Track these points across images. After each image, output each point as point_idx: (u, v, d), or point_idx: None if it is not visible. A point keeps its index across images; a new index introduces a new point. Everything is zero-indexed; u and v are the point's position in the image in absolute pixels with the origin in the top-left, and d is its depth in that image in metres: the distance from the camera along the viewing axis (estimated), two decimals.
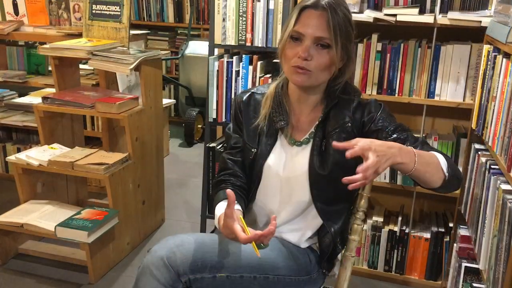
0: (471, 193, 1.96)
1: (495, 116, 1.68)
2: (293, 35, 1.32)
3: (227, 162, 1.49)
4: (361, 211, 1.44)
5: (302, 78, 1.32)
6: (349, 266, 1.45)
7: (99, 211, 2.39)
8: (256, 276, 1.32)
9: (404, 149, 1.19)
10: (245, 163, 1.47)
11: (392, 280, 2.44)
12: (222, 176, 1.48)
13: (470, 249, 1.97)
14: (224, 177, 1.47)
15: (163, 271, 1.26)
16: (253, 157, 1.43)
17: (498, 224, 1.49)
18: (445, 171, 1.26)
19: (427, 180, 1.25)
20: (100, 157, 2.47)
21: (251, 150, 1.44)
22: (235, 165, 1.48)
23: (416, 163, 1.19)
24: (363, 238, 2.43)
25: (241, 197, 1.43)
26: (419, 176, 1.23)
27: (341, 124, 1.37)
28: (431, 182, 1.26)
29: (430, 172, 1.23)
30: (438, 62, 2.16)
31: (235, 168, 1.48)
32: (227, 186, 1.44)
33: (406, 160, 1.17)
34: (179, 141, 4.61)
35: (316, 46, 1.31)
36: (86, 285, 2.33)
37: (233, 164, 1.48)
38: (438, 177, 1.25)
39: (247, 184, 1.47)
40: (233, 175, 1.47)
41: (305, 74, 1.32)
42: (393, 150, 1.16)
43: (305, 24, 1.30)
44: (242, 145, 1.48)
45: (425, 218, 2.54)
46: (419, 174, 1.21)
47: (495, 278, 1.46)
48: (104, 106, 2.44)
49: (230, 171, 1.47)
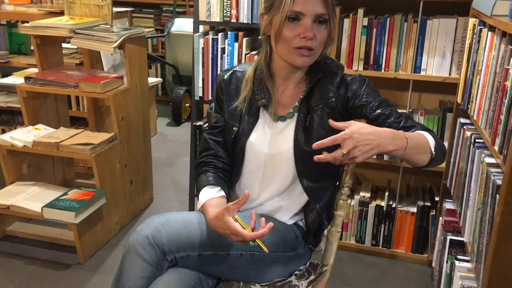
0: (456, 167, 1.98)
1: (480, 90, 1.68)
2: (290, 15, 1.27)
3: (209, 142, 1.47)
4: (346, 187, 1.44)
5: (307, 59, 1.31)
6: (335, 241, 1.46)
7: (86, 191, 2.38)
8: (243, 253, 1.32)
9: (398, 136, 1.21)
10: (227, 142, 1.46)
11: (379, 254, 2.47)
12: (204, 158, 1.46)
13: (455, 222, 2.00)
14: (206, 159, 1.46)
15: (149, 249, 1.26)
16: (235, 135, 1.42)
17: (482, 197, 1.51)
18: (433, 150, 1.27)
19: (416, 161, 1.28)
20: (86, 137, 2.44)
21: (232, 129, 1.43)
22: (217, 145, 1.47)
23: (407, 148, 1.21)
24: (351, 214, 2.45)
25: (224, 180, 1.43)
26: (409, 158, 1.25)
27: (325, 99, 1.36)
28: (419, 162, 1.29)
29: (419, 154, 1.25)
30: (424, 36, 2.15)
31: (217, 148, 1.46)
32: (209, 169, 1.43)
33: (397, 147, 1.20)
34: (167, 120, 4.59)
35: (314, 23, 1.29)
36: (75, 265, 2.33)
37: (214, 145, 1.47)
38: (426, 157, 1.28)
39: (230, 164, 1.47)
40: (215, 156, 1.46)
41: (309, 56, 1.30)
42: (385, 139, 1.17)
43: (303, 2, 1.26)
44: (224, 124, 1.47)
45: (411, 193, 2.57)
46: (408, 157, 1.24)
47: (479, 250, 1.48)
48: (88, 86, 2.41)
49: (212, 151, 1.46)
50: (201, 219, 1.33)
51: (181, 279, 1.25)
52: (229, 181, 1.45)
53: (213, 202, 1.32)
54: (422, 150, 1.26)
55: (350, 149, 1.14)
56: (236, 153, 1.44)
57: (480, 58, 1.70)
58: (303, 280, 1.40)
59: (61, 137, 2.41)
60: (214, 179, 1.40)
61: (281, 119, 1.41)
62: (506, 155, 1.29)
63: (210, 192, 1.36)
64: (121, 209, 2.63)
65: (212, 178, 1.40)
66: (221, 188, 1.38)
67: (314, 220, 1.43)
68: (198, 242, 1.28)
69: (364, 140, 1.14)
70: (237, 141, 1.43)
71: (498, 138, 1.39)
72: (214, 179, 1.40)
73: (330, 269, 1.47)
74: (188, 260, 1.28)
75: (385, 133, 1.19)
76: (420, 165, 1.30)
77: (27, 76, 2.50)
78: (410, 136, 1.22)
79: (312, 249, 1.50)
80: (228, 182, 1.45)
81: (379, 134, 1.17)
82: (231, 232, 1.21)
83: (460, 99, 2.00)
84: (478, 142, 1.67)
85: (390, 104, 1.36)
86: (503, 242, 1.28)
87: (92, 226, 2.39)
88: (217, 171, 1.43)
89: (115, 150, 2.50)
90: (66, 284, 2.19)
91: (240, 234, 1.19)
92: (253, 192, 1.46)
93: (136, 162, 2.74)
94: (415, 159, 1.26)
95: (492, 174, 1.42)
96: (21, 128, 2.54)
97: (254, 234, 1.19)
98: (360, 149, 1.14)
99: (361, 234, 2.48)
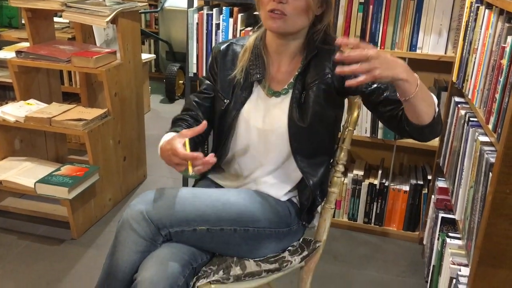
0: (449, 146, 1.99)
1: (475, 69, 1.67)
2: None
3: (192, 103, 1.49)
4: (340, 164, 1.45)
5: (278, 23, 1.29)
6: (329, 217, 1.47)
7: (79, 167, 2.37)
8: (237, 228, 1.32)
9: (411, 72, 1.15)
10: (215, 114, 1.46)
11: (371, 231, 2.49)
12: (182, 116, 1.48)
13: (447, 200, 2.02)
14: (184, 117, 1.47)
15: (143, 224, 1.26)
16: (225, 108, 1.42)
17: (474, 176, 1.51)
18: (436, 107, 1.25)
19: (421, 111, 1.20)
20: (79, 112, 2.42)
21: (223, 101, 1.42)
22: (199, 109, 1.48)
23: (418, 87, 1.15)
24: (344, 192, 2.47)
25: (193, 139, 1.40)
26: (416, 104, 1.18)
27: (321, 75, 1.35)
28: (423, 115, 1.21)
29: (426, 102, 1.20)
30: (421, 14, 2.13)
31: (198, 112, 1.48)
32: (183, 125, 1.44)
33: (410, 79, 1.13)
34: (160, 97, 4.56)
35: None
36: (69, 240, 2.33)
37: (196, 108, 1.48)
38: (431, 110, 1.22)
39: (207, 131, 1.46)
40: (194, 118, 1.47)
41: (281, 19, 1.28)
42: (401, 66, 1.12)
43: None
44: (214, 94, 1.47)
45: (404, 171, 2.58)
46: (416, 101, 1.17)
47: (470, 227, 1.50)
48: (81, 61, 2.38)
49: (192, 113, 1.48)
50: (195, 194, 1.33)
51: (175, 254, 1.25)
52: (199, 145, 1.46)
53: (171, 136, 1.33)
54: (429, 101, 1.21)
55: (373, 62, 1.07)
56: (225, 127, 1.43)
57: (477, 36, 1.69)
58: (296, 255, 1.41)
59: (53, 113, 2.38)
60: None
61: (275, 94, 1.40)
62: (500, 133, 1.30)
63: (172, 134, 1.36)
64: (114, 186, 2.63)
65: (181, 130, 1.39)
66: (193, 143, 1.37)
67: (308, 197, 1.44)
68: (192, 217, 1.28)
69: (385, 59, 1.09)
70: (227, 114, 1.42)
71: (493, 116, 1.39)
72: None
73: (323, 245, 1.48)
74: (182, 235, 1.28)
75: (400, 62, 1.13)
76: (423, 120, 1.22)
77: (18, 50, 2.46)
78: (420, 82, 1.18)
79: (306, 226, 1.51)
80: (198, 145, 1.45)
81: (395, 60, 1.12)
82: (172, 152, 1.21)
83: (455, 77, 1.99)
84: (472, 120, 1.67)
85: None
86: (494, 220, 1.29)
87: (86, 202, 2.39)
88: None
89: (108, 126, 2.48)
90: (60, 259, 2.19)
91: (177, 152, 1.19)
92: (246, 168, 1.46)
93: (129, 139, 2.72)
94: (421, 107, 1.19)
95: (485, 152, 1.42)
96: (13, 103, 2.51)
97: (186, 154, 1.19)
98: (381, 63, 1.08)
99: (354, 212, 2.50)
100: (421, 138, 1.30)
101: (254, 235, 1.35)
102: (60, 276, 2.07)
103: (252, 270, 1.34)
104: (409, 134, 1.29)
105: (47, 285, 2.01)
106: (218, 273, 1.30)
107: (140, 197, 1.31)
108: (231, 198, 1.35)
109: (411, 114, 1.23)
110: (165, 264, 1.22)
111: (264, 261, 1.38)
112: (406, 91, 1.15)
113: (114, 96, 2.50)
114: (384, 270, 2.21)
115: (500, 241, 1.31)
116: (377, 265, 2.25)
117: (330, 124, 1.42)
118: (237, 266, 1.33)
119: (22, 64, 2.45)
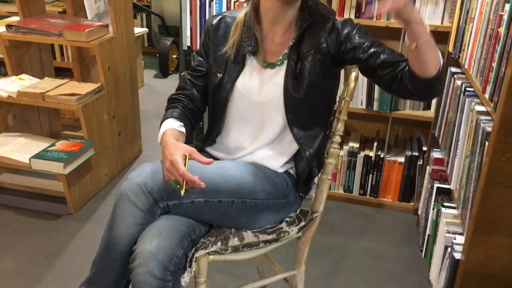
0: (445, 117, 1.99)
1: (472, 38, 1.66)
2: None
3: (187, 82, 1.48)
4: (337, 135, 1.44)
5: None
6: (325, 188, 1.48)
7: (74, 142, 2.36)
8: (234, 200, 1.33)
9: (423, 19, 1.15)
10: (209, 89, 1.46)
11: (367, 203, 2.51)
12: (178, 95, 1.47)
13: (442, 171, 2.03)
14: (179, 96, 1.46)
15: (141, 197, 1.26)
16: (218, 82, 1.41)
17: (470, 145, 1.52)
18: (441, 59, 1.22)
19: (429, 61, 1.18)
20: (72, 87, 2.40)
21: (216, 75, 1.41)
22: (194, 88, 1.47)
23: (428, 35, 1.15)
24: (339, 164, 2.48)
25: (190, 121, 1.44)
26: (426, 51, 1.16)
27: (316, 45, 1.34)
28: (430, 65, 1.19)
29: (434, 52, 1.18)
30: None
31: (193, 90, 1.47)
32: (179, 105, 1.44)
33: (421, 23, 1.14)
34: (154, 72, 4.52)
35: None
36: (66, 215, 2.34)
37: (191, 86, 1.47)
38: (437, 62, 1.20)
39: (202, 109, 1.49)
40: (188, 97, 1.46)
41: None
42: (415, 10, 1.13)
43: None
44: (207, 69, 1.45)
45: (400, 143, 2.59)
46: (426, 49, 1.16)
47: (465, 197, 1.51)
48: (73, 34, 2.34)
49: (187, 92, 1.47)
50: (192, 167, 1.32)
51: (174, 226, 1.25)
52: (195, 124, 1.48)
53: (174, 133, 1.34)
54: (436, 51, 1.19)
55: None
56: (220, 101, 1.42)
57: (474, 5, 1.67)
58: (294, 226, 1.42)
59: (46, 87, 2.36)
60: (180, 115, 1.42)
61: (270, 66, 1.39)
62: (496, 102, 1.30)
63: (173, 123, 1.37)
64: (110, 161, 2.62)
65: (177, 114, 1.41)
66: (184, 125, 1.39)
67: (304, 168, 1.44)
68: (190, 190, 1.28)
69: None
70: (221, 88, 1.41)
71: (489, 85, 1.39)
72: (180, 115, 1.41)
73: (320, 215, 1.49)
74: (180, 207, 1.28)
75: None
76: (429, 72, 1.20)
77: (8, 24, 2.42)
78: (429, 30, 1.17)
79: (303, 197, 1.51)
80: (194, 125, 1.47)
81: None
82: (172, 159, 1.22)
83: (451, 47, 1.98)
84: (469, 90, 1.67)
85: (383, 44, 1.34)
86: (490, 188, 1.30)
87: (82, 177, 2.39)
88: (185, 110, 1.44)
89: (102, 101, 2.46)
90: (57, 233, 2.20)
91: (177, 167, 1.21)
92: (243, 141, 1.46)
93: (124, 114, 2.71)
94: (429, 57, 1.18)
95: (481, 121, 1.43)
96: (4, 78, 2.48)
97: (185, 174, 1.20)
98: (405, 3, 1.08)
99: (349, 184, 2.51)
100: (424, 94, 1.26)
101: (251, 206, 1.36)
102: (58, 250, 2.08)
103: (250, 241, 1.35)
104: (411, 93, 1.26)
105: (45, 259, 2.03)
106: (216, 244, 1.31)
107: (138, 170, 1.31)
108: (229, 170, 1.34)
109: (418, 65, 1.19)
110: (164, 235, 1.22)
111: (262, 232, 1.39)
112: (419, 35, 1.14)
113: (108, 71, 2.47)
114: (380, 241, 2.24)
115: (495, 209, 1.32)
116: (373, 235, 2.28)
117: (326, 95, 1.41)
118: (235, 237, 1.34)
119: (12, 38, 2.41)
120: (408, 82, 1.25)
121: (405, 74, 1.25)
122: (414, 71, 1.21)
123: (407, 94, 1.29)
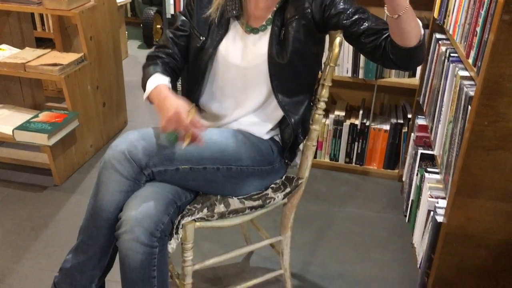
0: (429, 84, 2.00)
1: (457, 3, 1.66)
2: None
3: (169, 40, 1.45)
4: (322, 101, 1.44)
5: None
6: (310, 155, 1.49)
7: (58, 113, 2.33)
8: (219, 167, 1.33)
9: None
10: (190, 51, 1.44)
11: (352, 171, 2.54)
12: (158, 53, 1.44)
13: (426, 137, 2.05)
14: (160, 54, 1.43)
15: (125, 164, 1.25)
16: (201, 45, 1.39)
17: (454, 111, 1.53)
18: (421, 29, 1.22)
19: (410, 31, 1.17)
20: (54, 57, 2.35)
21: (199, 38, 1.39)
22: (175, 47, 1.45)
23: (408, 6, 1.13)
24: (325, 133, 2.49)
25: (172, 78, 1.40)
26: (406, 22, 1.15)
27: (300, 10, 1.32)
28: (411, 35, 1.18)
29: (414, 22, 1.17)
30: None
31: (174, 49, 1.44)
32: (160, 62, 1.41)
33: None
34: (138, 43, 4.45)
35: None
36: (52, 187, 2.33)
37: (173, 45, 1.45)
38: (418, 31, 1.19)
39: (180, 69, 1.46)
40: (170, 55, 1.44)
41: None
42: None
43: None
44: (190, 32, 1.43)
45: (385, 111, 2.60)
46: (407, 18, 1.14)
47: (448, 162, 1.54)
48: (53, 3, 2.28)
49: (169, 50, 1.44)
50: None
51: (159, 193, 1.26)
52: (175, 84, 1.44)
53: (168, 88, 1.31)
54: (416, 21, 1.18)
55: None
56: (201, 65, 1.41)
57: None
58: (279, 192, 1.44)
59: (27, 58, 2.31)
60: (165, 71, 1.39)
61: (253, 31, 1.38)
62: (480, 66, 1.30)
63: (162, 78, 1.34)
64: (95, 132, 2.60)
65: (162, 70, 1.38)
66: (171, 81, 1.37)
67: (290, 135, 1.44)
68: (174, 156, 1.28)
69: None
70: (203, 52, 1.40)
71: (473, 50, 1.39)
72: (164, 72, 1.38)
73: (305, 182, 1.51)
74: (165, 174, 1.29)
75: None
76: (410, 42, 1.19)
77: None
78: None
79: (288, 164, 1.52)
80: (175, 84, 1.44)
81: None
82: (176, 111, 1.20)
83: (436, 13, 1.97)
84: (453, 56, 1.67)
85: (367, 10, 1.33)
86: (472, 151, 1.32)
87: (66, 148, 2.37)
88: (166, 67, 1.41)
89: (85, 71, 2.42)
90: (43, 205, 2.20)
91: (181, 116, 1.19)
92: (227, 107, 1.46)
93: (108, 84, 2.67)
94: (410, 26, 1.16)
95: (465, 86, 1.43)
96: None
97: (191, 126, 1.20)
98: None
99: (335, 152, 2.53)
100: (406, 64, 1.26)
101: (237, 173, 1.36)
102: (45, 221, 2.08)
103: (236, 207, 1.36)
104: (393, 62, 1.25)
105: (32, 230, 2.03)
106: (203, 211, 1.32)
107: (122, 137, 1.30)
108: (213, 137, 1.34)
109: (399, 35, 1.18)
110: (149, 202, 1.22)
111: (248, 199, 1.40)
112: (399, 5, 1.12)
113: (90, 40, 2.42)
114: (365, 207, 2.27)
115: (477, 172, 1.34)
116: (358, 202, 2.31)
117: (311, 61, 1.40)
118: (221, 204, 1.35)
119: None
120: (390, 51, 1.24)
121: (388, 44, 1.24)
122: (395, 41, 1.21)
123: (390, 63, 1.28)
